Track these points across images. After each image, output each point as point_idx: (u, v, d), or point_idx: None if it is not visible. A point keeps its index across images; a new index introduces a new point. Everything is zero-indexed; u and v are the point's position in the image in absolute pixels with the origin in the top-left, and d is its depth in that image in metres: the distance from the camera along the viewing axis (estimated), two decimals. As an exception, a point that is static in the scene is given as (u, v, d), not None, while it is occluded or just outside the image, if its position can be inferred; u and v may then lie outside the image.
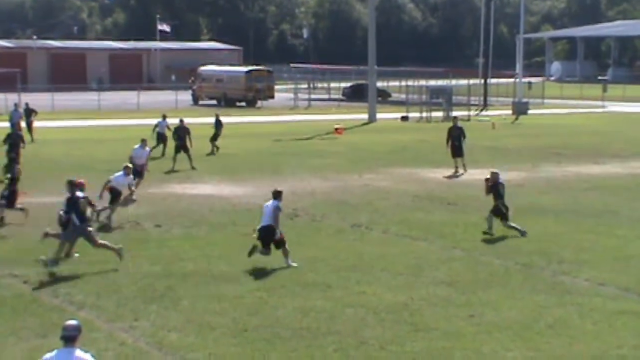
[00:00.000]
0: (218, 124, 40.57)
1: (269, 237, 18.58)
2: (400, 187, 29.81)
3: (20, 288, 16.66)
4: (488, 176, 22.43)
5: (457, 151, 33.78)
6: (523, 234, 21.53)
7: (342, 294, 16.37)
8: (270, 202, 18.89)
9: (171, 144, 35.29)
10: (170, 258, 19.12)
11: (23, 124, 43.95)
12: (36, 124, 47.29)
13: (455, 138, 33.97)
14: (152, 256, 19.29)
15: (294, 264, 18.37)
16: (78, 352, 8.67)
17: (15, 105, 47.16)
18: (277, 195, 18.89)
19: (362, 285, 16.92)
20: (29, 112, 46.13)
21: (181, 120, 35.47)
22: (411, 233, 21.97)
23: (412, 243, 20.94)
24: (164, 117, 38.64)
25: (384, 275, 17.70)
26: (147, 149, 28.78)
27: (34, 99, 69.74)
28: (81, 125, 55.57)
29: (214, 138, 39.87)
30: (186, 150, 34.17)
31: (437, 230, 22.28)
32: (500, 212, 21.84)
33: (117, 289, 16.55)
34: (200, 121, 57.10)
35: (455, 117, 37.88)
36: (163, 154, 36.90)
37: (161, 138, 37.66)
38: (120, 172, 23.09)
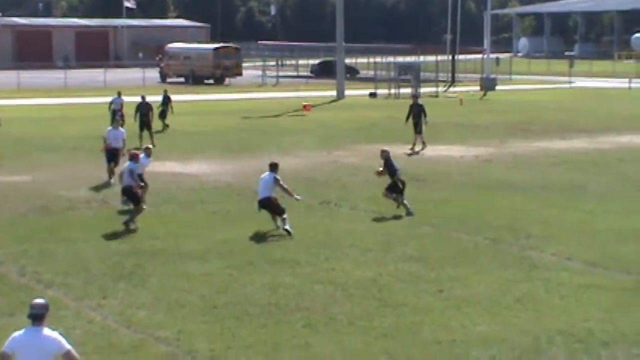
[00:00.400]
0: (166, 101, 40.29)
1: (270, 209, 19.47)
2: (369, 164, 29.78)
3: (-13, 267, 16.55)
4: (380, 168, 22.25)
5: (416, 128, 33.96)
6: (410, 213, 21.21)
7: (311, 270, 16.40)
8: (267, 175, 19.68)
9: (130, 121, 35.13)
10: (139, 236, 19.06)
11: None
12: (6, 102, 46.82)
13: (416, 115, 34.15)
14: (121, 234, 19.21)
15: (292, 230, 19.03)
16: (46, 331, 8.62)
17: None
18: (273, 167, 19.87)
19: (331, 262, 16.96)
20: None
21: (143, 97, 35.39)
22: (380, 209, 22.00)
23: (381, 220, 20.99)
24: (119, 94, 38.56)
25: (352, 252, 17.75)
26: (122, 129, 26.72)
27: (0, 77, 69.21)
28: (47, 104, 55.08)
29: (162, 115, 39.33)
30: (149, 128, 34.12)
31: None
32: (397, 188, 21.80)
33: (85, 267, 16.48)
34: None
35: (415, 95, 37.79)
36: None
37: (114, 115, 37.61)
38: (142, 155, 21.95)
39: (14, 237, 18.89)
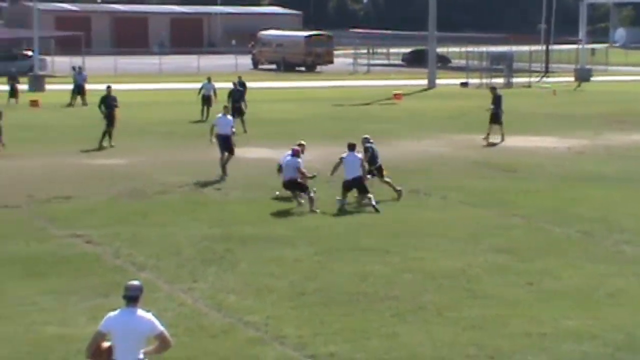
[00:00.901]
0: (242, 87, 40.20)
1: (362, 187, 20.69)
2: (459, 154, 29.64)
3: (84, 248, 16.96)
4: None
5: (495, 118, 33.17)
6: (376, 209, 20.48)
7: (400, 259, 16.37)
8: (349, 155, 20.83)
9: (218, 107, 35.59)
10: (230, 221, 19.28)
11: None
12: (99, 86, 47.81)
13: (498, 105, 33.43)
14: (212, 219, 19.47)
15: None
16: (140, 312, 8.80)
17: (80, 68, 47.65)
18: (352, 147, 21.01)
19: (420, 251, 16.91)
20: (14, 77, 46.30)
21: (234, 83, 36.14)
22: (469, 199, 21.85)
23: (470, 209, 20.83)
24: (209, 79, 39.18)
25: (441, 241, 17.66)
26: (229, 117, 25.75)
27: (97, 63, 70.64)
28: (143, 89, 56.03)
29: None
30: (240, 114, 34.38)
31: (495, 197, 22.14)
32: (370, 173, 21.68)
33: (177, 251, 16.75)
34: (259, 85, 57.30)
35: (494, 87, 36.41)
36: (207, 118, 37.30)
37: (206, 100, 38.14)
38: (289, 153, 21.77)
39: (109, 219, 19.31)
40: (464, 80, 62.94)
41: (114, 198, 21.61)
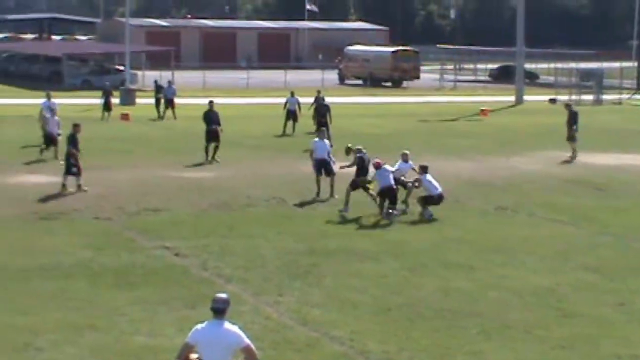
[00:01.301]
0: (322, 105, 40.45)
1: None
2: (548, 170, 29.24)
3: (172, 260, 17.19)
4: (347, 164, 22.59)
5: (569, 135, 32.59)
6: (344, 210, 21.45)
7: (486, 276, 16.21)
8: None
9: (304, 121, 35.98)
10: (315, 235, 19.35)
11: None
12: (188, 100, 48.54)
13: (573, 122, 32.78)
14: (297, 233, 19.55)
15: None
16: (227, 324, 8.87)
17: (169, 82, 48.41)
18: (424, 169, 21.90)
19: (506, 268, 16.71)
20: (159, 89, 46.86)
21: (322, 98, 36.21)
22: (558, 217, 21.53)
23: (559, 227, 20.52)
24: (292, 93, 39.45)
25: (528, 259, 17.43)
26: (326, 141, 24.95)
27: (187, 77, 71.69)
28: (230, 103, 56.60)
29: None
30: (326, 128, 34.35)
31: (585, 215, 21.77)
32: (355, 185, 21.92)
33: (263, 264, 16.87)
34: (345, 100, 57.43)
35: (568, 104, 35.20)
36: (293, 130, 37.57)
37: (291, 115, 38.34)
38: (399, 161, 22.56)
39: (196, 231, 19.55)
40: (552, 97, 62.07)
41: (202, 210, 21.87)
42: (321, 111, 35.39)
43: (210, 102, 32.11)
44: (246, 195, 23.67)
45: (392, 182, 21.37)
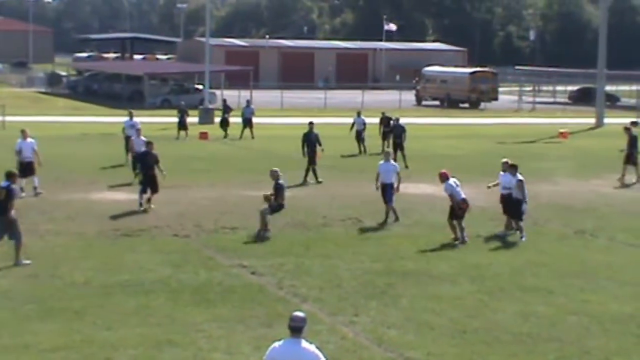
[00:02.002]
0: (227, 110, 43.55)
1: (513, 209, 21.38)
2: (628, 194, 28.75)
3: (249, 278, 17.34)
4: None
5: (629, 159, 31.69)
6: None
7: (565, 300, 16.00)
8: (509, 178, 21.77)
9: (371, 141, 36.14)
10: (391, 256, 19.33)
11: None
12: (266, 119, 48.90)
13: (633, 145, 31.87)
14: (373, 253, 19.56)
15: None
16: (304, 343, 8.92)
17: (248, 101, 48.90)
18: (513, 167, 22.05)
19: (586, 293, 16.47)
20: (227, 109, 47.18)
21: (396, 119, 36.47)
22: (639, 242, 21.13)
23: (640, 253, 20.15)
24: (359, 114, 39.59)
25: (609, 284, 17.15)
26: (392, 162, 24.44)
27: (265, 96, 72.41)
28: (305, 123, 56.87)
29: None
30: (402, 149, 34.70)
31: (667, 241, 21.32)
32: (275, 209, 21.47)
33: (338, 284, 16.91)
34: (422, 121, 57.31)
35: (628, 127, 33.30)
36: (364, 152, 37.78)
37: (359, 136, 38.56)
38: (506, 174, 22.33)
39: (272, 250, 19.70)
40: (634, 120, 60.98)
41: (278, 229, 22.02)
42: (397, 132, 35.65)
43: (310, 123, 31.80)
44: (322, 215, 23.77)
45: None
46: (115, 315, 14.76)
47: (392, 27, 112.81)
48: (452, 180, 21.23)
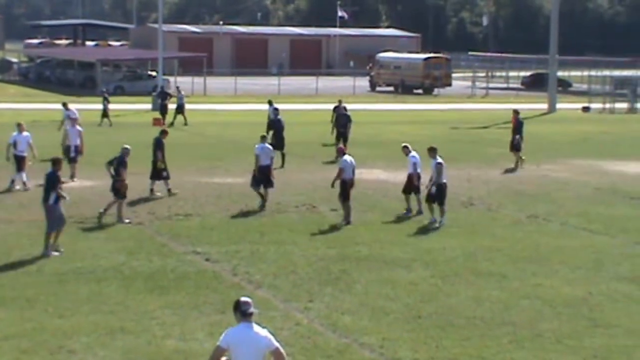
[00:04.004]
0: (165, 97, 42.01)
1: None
2: (581, 179, 29.05)
3: (203, 265, 17.27)
4: None
5: (513, 145, 31.65)
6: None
7: (518, 285, 16.13)
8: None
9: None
10: (345, 242, 19.34)
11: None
12: (220, 106, 48.66)
13: (518, 131, 31.75)
14: (328, 239, 19.56)
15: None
16: (257, 327, 8.91)
17: (178, 88, 48.30)
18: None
19: (539, 277, 16.62)
20: (165, 95, 46.73)
21: (343, 107, 35.31)
22: (591, 226, 21.38)
23: (592, 237, 20.37)
24: (340, 101, 39.00)
25: (561, 268, 17.31)
26: (269, 145, 24.32)
27: (219, 83, 72.03)
28: (261, 109, 56.72)
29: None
30: (345, 140, 33.51)
31: (619, 225, 21.59)
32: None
33: (293, 270, 16.89)
34: (376, 107, 57.43)
35: (516, 111, 33.52)
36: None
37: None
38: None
39: (227, 236, 19.62)
40: (585, 105, 61.73)
41: (233, 216, 21.94)
42: (341, 121, 34.19)
43: (273, 106, 33.82)
44: (276, 202, 23.71)
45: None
46: (68, 302, 14.62)
47: (345, 14, 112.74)
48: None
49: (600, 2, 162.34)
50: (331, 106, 40.26)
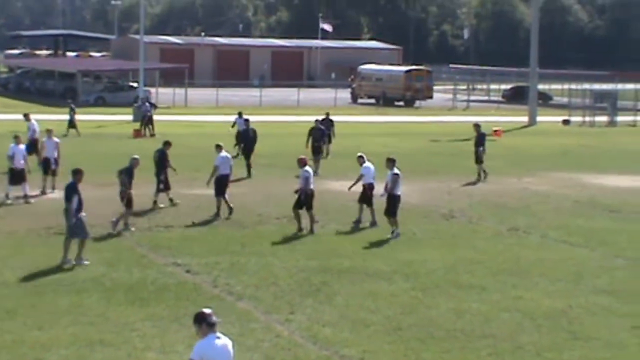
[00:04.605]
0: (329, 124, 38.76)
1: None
2: (561, 192, 29.17)
3: (183, 276, 17.21)
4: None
5: (476, 157, 31.51)
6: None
7: (498, 297, 16.16)
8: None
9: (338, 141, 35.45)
10: (326, 253, 19.34)
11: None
12: (201, 117, 48.59)
13: (480, 144, 31.66)
14: (309, 251, 19.55)
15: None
16: (223, 337, 9.08)
17: (141, 99, 48.04)
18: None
19: (519, 290, 16.66)
20: (150, 106, 46.57)
21: (318, 120, 34.86)
22: (571, 239, 21.46)
23: (572, 249, 20.45)
24: (328, 114, 38.45)
25: (541, 281, 17.37)
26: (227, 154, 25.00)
27: (201, 94, 71.92)
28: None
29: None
30: (318, 154, 33.03)
31: (598, 237, 21.69)
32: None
33: (274, 282, 16.86)
34: (357, 119, 57.50)
35: (477, 124, 33.43)
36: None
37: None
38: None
39: (207, 248, 19.57)
40: (565, 118, 62.04)
41: (213, 228, 21.89)
42: (315, 135, 33.43)
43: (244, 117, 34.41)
44: (257, 213, 23.69)
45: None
46: (46, 314, 14.53)
47: (328, 27, 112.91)
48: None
49: (580, 16, 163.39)
50: (314, 118, 40.13)
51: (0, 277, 16.83)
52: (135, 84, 67.46)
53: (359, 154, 24.08)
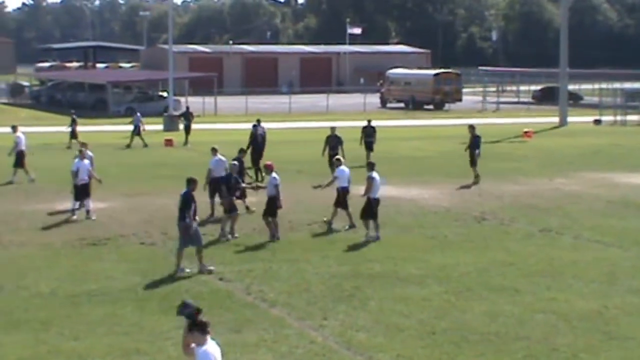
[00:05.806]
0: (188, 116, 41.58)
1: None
2: (593, 192, 28.99)
3: (217, 284, 17.28)
4: None
5: (471, 159, 31.44)
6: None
7: (532, 299, 16.09)
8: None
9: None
10: (358, 259, 19.35)
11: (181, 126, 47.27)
12: (230, 126, 48.76)
13: (475, 146, 31.64)
14: (340, 257, 19.57)
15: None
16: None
17: (132, 110, 48.20)
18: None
19: (553, 292, 16.57)
20: (188, 115, 46.76)
21: (331, 128, 34.42)
22: (604, 239, 21.32)
23: (606, 249, 20.32)
24: (370, 121, 37.77)
25: (575, 282, 17.27)
26: (222, 157, 24.98)
27: (230, 102, 72.21)
28: (272, 128, 56.88)
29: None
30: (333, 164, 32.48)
31: (632, 237, 21.53)
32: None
33: (307, 288, 16.89)
34: (387, 124, 57.43)
35: (472, 126, 33.30)
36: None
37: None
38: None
39: (240, 256, 19.65)
40: (597, 118, 61.65)
41: (246, 235, 21.96)
42: (331, 143, 32.29)
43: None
44: (288, 220, 23.73)
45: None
46: (82, 325, 14.65)
47: (357, 30, 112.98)
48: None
49: (609, 15, 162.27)
50: (344, 124, 40.32)
51: (35, 288, 16.98)
52: (165, 94, 67.84)
53: (336, 157, 24.79)
